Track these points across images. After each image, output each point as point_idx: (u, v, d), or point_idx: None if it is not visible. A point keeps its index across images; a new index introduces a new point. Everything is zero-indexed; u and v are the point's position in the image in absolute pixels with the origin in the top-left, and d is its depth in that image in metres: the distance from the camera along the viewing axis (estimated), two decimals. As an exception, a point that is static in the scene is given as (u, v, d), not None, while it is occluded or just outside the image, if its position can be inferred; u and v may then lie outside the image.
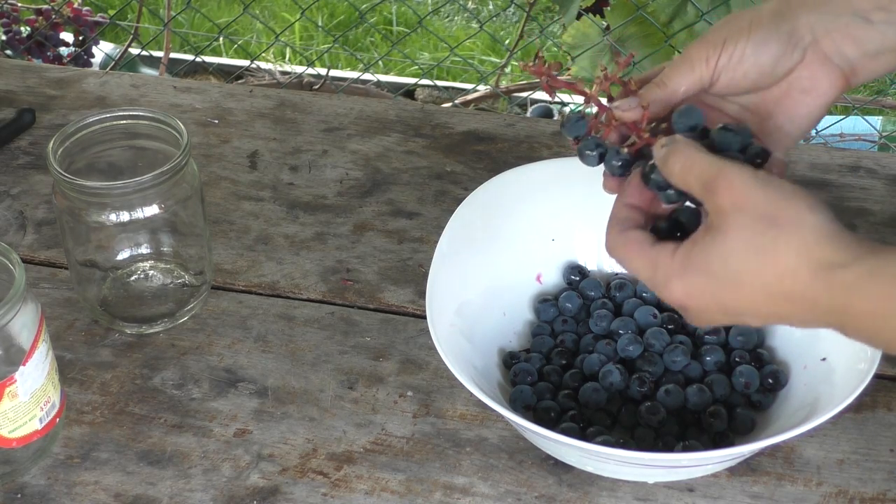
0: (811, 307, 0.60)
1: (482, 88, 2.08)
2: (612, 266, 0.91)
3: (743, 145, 0.66)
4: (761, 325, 0.68)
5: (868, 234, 0.99)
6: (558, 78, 0.69)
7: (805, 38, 0.70)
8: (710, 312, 0.65)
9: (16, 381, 0.75)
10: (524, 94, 2.14)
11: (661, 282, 0.65)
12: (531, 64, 0.69)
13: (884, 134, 1.94)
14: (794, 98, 0.71)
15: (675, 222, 0.68)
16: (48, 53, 1.90)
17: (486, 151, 1.10)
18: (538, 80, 0.70)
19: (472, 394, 0.74)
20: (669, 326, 0.86)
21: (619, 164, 0.70)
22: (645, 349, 0.84)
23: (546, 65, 0.69)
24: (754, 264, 0.61)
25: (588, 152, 0.70)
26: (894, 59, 0.70)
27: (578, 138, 0.71)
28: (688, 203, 0.67)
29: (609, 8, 1.67)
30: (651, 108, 0.69)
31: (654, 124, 0.70)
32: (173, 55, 2.25)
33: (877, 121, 2.02)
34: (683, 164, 0.64)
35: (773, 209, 0.61)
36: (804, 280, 0.60)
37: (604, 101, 0.71)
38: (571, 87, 0.70)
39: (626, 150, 0.70)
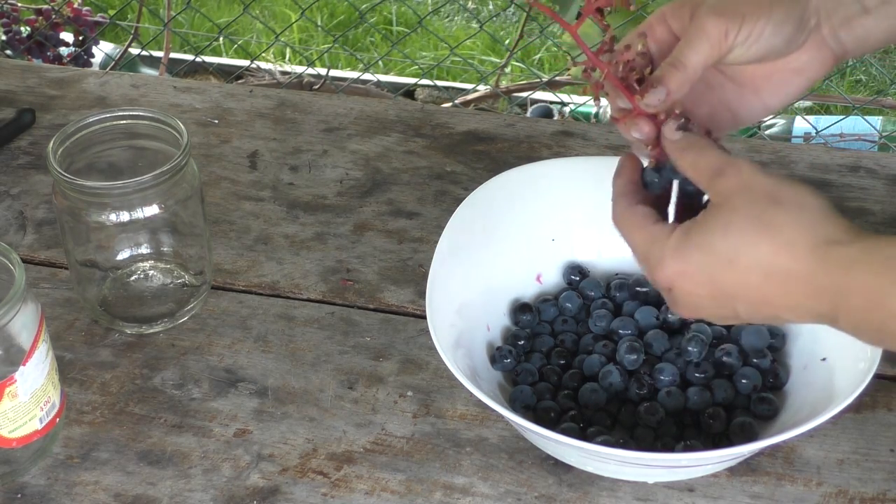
0: (806, 285, 0.60)
1: (482, 88, 2.08)
2: (612, 266, 0.91)
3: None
4: (749, 315, 0.64)
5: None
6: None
7: (811, 22, 0.70)
8: (698, 296, 0.64)
9: (16, 381, 0.75)
10: (524, 94, 2.13)
11: (655, 258, 0.65)
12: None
13: (884, 134, 1.94)
14: (785, 76, 0.72)
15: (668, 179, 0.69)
16: (48, 53, 1.90)
17: (486, 151, 1.10)
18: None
19: (472, 394, 0.74)
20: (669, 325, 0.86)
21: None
22: (645, 354, 0.84)
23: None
24: (752, 236, 0.61)
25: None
26: (876, 45, 0.72)
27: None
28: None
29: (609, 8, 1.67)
30: (674, 93, 0.68)
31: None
32: (173, 55, 2.25)
33: (877, 121, 2.02)
34: (697, 153, 0.66)
35: (776, 190, 0.62)
36: (802, 255, 0.60)
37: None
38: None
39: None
